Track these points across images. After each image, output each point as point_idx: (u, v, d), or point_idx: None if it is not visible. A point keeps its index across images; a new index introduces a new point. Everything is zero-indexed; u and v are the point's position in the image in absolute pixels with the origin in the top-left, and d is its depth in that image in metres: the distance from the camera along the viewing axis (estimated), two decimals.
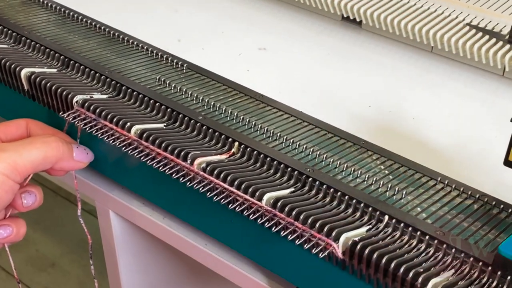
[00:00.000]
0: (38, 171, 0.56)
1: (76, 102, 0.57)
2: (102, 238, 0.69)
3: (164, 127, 0.55)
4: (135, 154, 0.53)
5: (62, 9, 0.72)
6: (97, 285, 0.62)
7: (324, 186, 0.49)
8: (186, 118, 0.56)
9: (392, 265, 0.43)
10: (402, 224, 0.46)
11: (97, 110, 0.55)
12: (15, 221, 0.56)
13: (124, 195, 0.64)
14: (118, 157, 0.60)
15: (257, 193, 0.48)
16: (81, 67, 0.61)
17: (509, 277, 0.42)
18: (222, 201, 0.50)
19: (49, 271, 1.60)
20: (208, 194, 0.50)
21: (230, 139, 0.54)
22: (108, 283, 0.74)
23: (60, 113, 0.58)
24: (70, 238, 1.65)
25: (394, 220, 0.47)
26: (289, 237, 0.47)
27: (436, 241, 0.45)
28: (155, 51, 0.66)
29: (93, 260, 0.61)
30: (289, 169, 0.51)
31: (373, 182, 0.51)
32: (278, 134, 0.55)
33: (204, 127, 0.55)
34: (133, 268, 0.72)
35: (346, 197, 0.48)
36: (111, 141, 0.55)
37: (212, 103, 0.58)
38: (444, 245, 0.45)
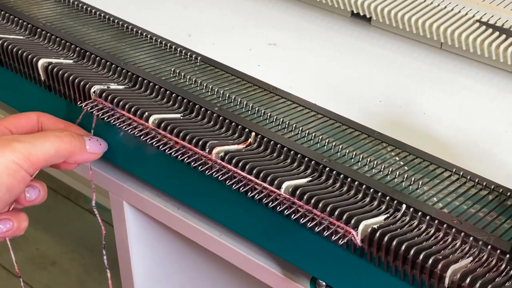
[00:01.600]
0: (50, 164, 0.56)
1: (94, 92, 0.57)
2: (114, 229, 0.69)
3: (181, 118, 0.56)
4: (153, 144, 0.54)
5: (75, 2, 0.72)
6: (110, 275, 0.62)
7: (341, 176, 0.50)
8: (202, 109, 0.56)
9: (412, 252, 0.44)
10: (419, 213, 0.47)
11: (115, 100, 0.56)
12: (16, 215, 0.55)
13: (137, 186, 0.64)
14: (132, 148, 0.60)
15: (275, 182, 0.49)
16: (97, 58, 0.62)
17: None
18: (240, 189, 0.50)
19: (49, 270, 1.60)
20: (226, 182, 0.51)
21: (246, 130, 0.54)
22: (115, 275, 0.74)
23: (78, 103, 0.58)
24: (70, 236, 1.65)
25: (411, 209, 0.47)
26: (308, 224, 0.47)
27: (453, 230, 0.45)
28: (168, 44, 0.66)
29: (99, 253, 0.61)
30: (305, 159, 0.51)
31: (389, 173, 0.51)
32: (294, 125, 0.55)
33: (220, 118, 0.55)
34: (146, 259, 0.72)
35: (363, 186, 0.49)
36: (129, 131, 0.55)
37: (227, 95, 0.59)
38: (462, 234, 0.45)
